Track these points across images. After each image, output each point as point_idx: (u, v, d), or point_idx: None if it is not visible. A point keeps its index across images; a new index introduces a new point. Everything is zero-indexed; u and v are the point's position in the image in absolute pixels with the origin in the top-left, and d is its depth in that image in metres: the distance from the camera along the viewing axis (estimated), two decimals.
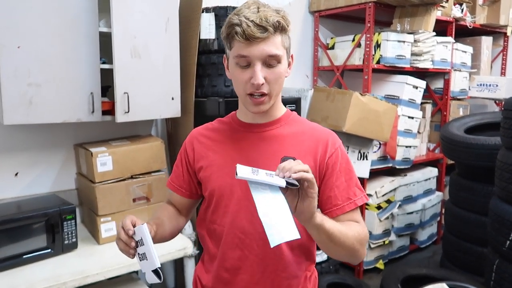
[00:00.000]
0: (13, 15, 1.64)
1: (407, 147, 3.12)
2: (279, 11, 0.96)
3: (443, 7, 3.15)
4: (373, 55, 2.87)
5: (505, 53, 4.27)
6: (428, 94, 3.55)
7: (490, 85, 3.70)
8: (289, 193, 0.84)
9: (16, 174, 2.05)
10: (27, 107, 1.72)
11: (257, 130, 1.06)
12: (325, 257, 2.72)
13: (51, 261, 1.75)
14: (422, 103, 3.31)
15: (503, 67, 4.28)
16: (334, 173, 1.03)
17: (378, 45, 2.88)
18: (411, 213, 3.24)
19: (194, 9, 2.18)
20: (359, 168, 2.74)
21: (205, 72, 2.26)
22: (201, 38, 2.20)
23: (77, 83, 1.83)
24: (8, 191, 2.02)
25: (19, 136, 2.03)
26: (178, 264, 2.45)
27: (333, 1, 3.02)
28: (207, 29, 2.20)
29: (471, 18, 3.62)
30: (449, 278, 2.40)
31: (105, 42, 1.90)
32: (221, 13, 2.21)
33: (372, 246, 2.99)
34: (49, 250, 1.77)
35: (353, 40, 3.02)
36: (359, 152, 2.74)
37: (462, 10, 3.47)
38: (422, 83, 3.17)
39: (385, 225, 3.03)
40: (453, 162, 3.10)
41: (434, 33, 3.08)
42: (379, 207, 2.98)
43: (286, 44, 0.99)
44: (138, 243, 0.94)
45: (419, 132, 3.34)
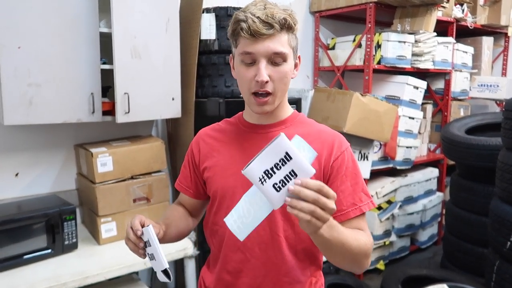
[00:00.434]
0: (13, 15, 1.64)
1: (407, 147, 3.11)
2: (286, 9, 0.94)
3: (444, 7, 3.14)
4: (374, 55, 2.87)
5: (506, 53, 4.26)
6: (429, 94, 3.54)
7: (491, 86, 3.70)
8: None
9: (17, 175, 2.05)
10: (27, 107, 1.72)
11: (262, 131, 1.04)
12: (325, 258, 2.72)
13: (51, 261, 1.75)
14: (422, 103, 3.30)
15: (504, 67, 4.28)
16: (339, 177, 1.00)
17: (378, 46, 2.87)
18: (412, 213, 3.23)
19: (194, 10, 2.18)
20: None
21: (206, 72, 2.26)
22: (201, 38, 2.20)
23: (78, 83, 1.83)
24: (9, 191, 2.02)
25: (20, 137, 2.03)
26: (179, 264, 2.44)
27: (333, 1, 3.02)
28: (208, 29, 2.20)
29: (472, 19, 3.62)
30: (450, 279, 2.40)
31: (106, 43, 1.90)
32: (221, 14, 2.21)
33: (373, 246, 2.98)
34: (49, 251, 1.77)
35: (354, 41, 3.02)
36: (360, 152, 2.74)
37: (463, 11, 3.47)
38: (423, 84, 3.16)
39: (385, 225, 3.02)
40: (454, 163, 3.10)
41: (435, 34, 3.08)
42: (379, 207, 2.97)
43: (293, 44, 0.97)
44: (146, 244, 0.94)
45: (419, 133, 3.34)
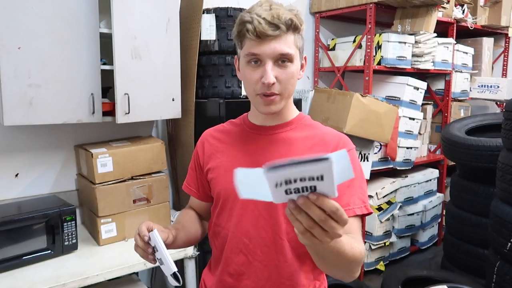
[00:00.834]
0: (13, 16, 1.64)
1: (408, 148, 3.11)
2: (292, 10, 0.93)
3: (444, 8, 3.14)
4: (374, 56, 2.87)
5: (506, 54, 4.26)
6: (429, 95, 3.54)
7: (491, 86, 3.70)
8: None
9: (17, 175, 2.05)
10: (27, 108, 1.71)
11: (266, 133, 1.03)
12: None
13: (51, 262, 1.75)
14: (423, 104, 3.30)
15: (504, 68, 4.28)
16: None
17: (379, 46, 2.87)
18: (412, 214, 3.23)
19: (194, 10, 2.18)
20: None
21: (206, 73, 2.26)
22: (201, 39, 2.20)
23: (78, 84, 1.82)
24: (9, 192, 2.02)
25: (20, 137, 2.02)
26: (179, 265, 2.44)
27: (334, 2, 3.02)
28: (208, 30, 2.20)
29: (472, 19, 3.62)
30: (450, 280, 2.40)
31: (106, 43, 1.89)
32: (221, 14, 2.21)
33: (373, 247, 2.98)
34: (49, 251, 1.76)
35: (354, 41, 3.02)
36: (360, 153, 2.73)
37: (463, 11, 3.47)
38: (423, 84, 3.16)
39: (385, 226, 3.02)
40: (454, 164, 3.10)
41: (435, 34, 3.08)
42: (379, 208, 2.97)
43: (299, 44, 0.96)
44: (154, 249, 0.95)
45: (420, 133, 3.34)
